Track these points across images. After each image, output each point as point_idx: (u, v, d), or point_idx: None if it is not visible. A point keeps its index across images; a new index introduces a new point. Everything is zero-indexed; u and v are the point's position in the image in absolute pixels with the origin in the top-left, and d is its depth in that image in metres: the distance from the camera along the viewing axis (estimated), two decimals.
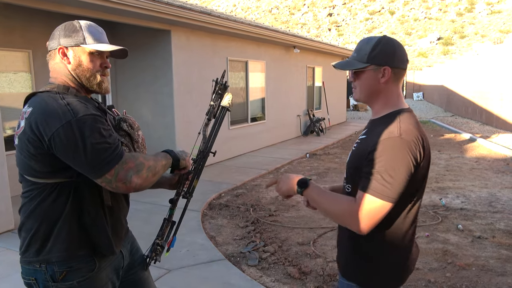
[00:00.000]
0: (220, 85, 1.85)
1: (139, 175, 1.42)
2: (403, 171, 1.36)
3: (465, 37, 46.94)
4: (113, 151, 1.38)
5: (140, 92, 7.63)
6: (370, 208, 1.37)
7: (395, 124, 1.43)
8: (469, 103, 17.16)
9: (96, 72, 1.56)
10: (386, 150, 1.37)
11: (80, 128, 1.35)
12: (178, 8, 6.44)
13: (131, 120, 1.68)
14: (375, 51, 1.48)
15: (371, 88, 1.53)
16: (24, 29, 6.11)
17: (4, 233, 4.48)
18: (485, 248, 4.13)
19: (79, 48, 1.53)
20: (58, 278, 1.45)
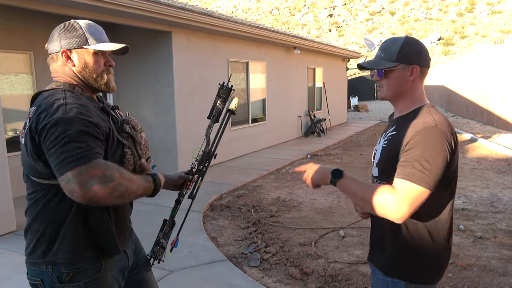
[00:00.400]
0: (226, 89, 1.85)
1: (102, 186, 1.29)
2: (441, 159, 1.40)
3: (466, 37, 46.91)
4: (84, 151, 1.31)
5: (141, 93, 7.63)
6: (409, 195, 1.37)
7: (427, 116, 1.49)
8: (470, 103, 17.14)
9: (102, 72, 1.58)
10: (423, 139, 1.41)
11: (65, 126, 1.33)
12: (178, 10, 6.46)
13: (134, 122, 1.67)
14: (404, 50, 1.54)
15: (400, 87, 1.58)
16: (25, 31, 6.12)
17: (6, 235, 4.49)
18: (487, 249, 4.13)
19: (82, 49, 1.53)
20: (65, 279, 1.46)
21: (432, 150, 1.40)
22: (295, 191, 6.44)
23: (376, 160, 1.62)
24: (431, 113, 1.50)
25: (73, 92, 1.50)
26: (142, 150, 1.65)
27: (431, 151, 1.39)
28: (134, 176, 1.45)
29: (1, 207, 4.47)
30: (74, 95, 1.48)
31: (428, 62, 1.58)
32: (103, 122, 1.47)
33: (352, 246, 4.24)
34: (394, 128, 1.59)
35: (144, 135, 1.70)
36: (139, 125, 1.70)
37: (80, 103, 1.44)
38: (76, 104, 1.41)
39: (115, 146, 1.52)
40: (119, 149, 1.55)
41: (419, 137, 1.42)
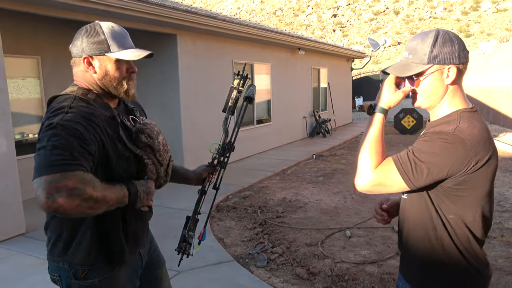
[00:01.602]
0: (243, 78, 1.86)
1: (68, 199, 1.22)
2: (440, 164, 1.24)
3: (471, 36, 46.67)
4: (66, 160, 1.26)
5: (147, 97, 7.68)
6: (386, 176, 1.29)
7: (454, 122, 1.30)
8: (475, 102, 17.07)
9: (123, 79, 1.54)
10: (433, 138, 1.28)
11: (56, 132, 1.31)
12: (183, 13, 6.50)
13: (149, 128, 1.60)
14: (436, 49, 1.31)
15: (436, 92, 1.36)
16: (32, 36, 6.19)
17: (16, 237, 4.54)
18: (494, 248, 4.12)
19: (104, 57, 1.49)
20: (80, 276, 1.51)
21: (434, 149, 1.26)
22: (301, 191, 6.46)
23: None
24: (461, 119, 1.30)
25: (85, 99, 1.47)
26: (161, 157, 1.62)
27: (432, 150, 1.26)
28: (108, 188, 1.37)
29: (11, 209, 4.53)
30: (83, 103, 1.45)
31: (466, 57, 1.34)
32: (102, 134, 1.42)
33: (358, 246, 4.25)
34: (423, 133, 1.41)
35: (161, 138, 1.65)
36: (155, 129, 1.64)
37: (84, 112, 1.40)
38: (78, 113, 1.38)
39: (121, 159, 1.48)
40: (133, 160, 1.52)
41: (430, 135, 1.29)
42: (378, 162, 1.32)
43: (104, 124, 1.45)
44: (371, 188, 1.32)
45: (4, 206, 4.46)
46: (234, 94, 1.87)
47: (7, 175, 4.47)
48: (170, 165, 1.71)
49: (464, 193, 1.31)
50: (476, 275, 1.38)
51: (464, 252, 1.35)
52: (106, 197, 1.34)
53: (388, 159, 1.32)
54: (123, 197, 1.43)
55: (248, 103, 1.89)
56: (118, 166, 1.48)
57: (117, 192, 1.41)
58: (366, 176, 1.31)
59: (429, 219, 1.38)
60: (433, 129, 1.34)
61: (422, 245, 1.41)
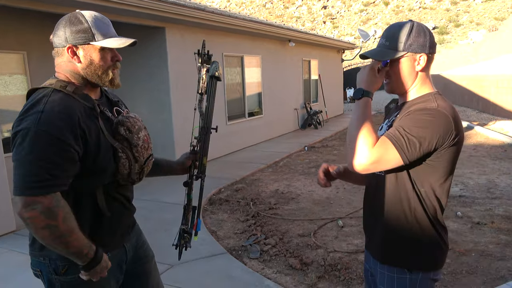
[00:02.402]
0: (203, 56, 1.79)
1: (41, 216, 1.30)
2: (429, 136, 1.34)
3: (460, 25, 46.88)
4: (43, 180, 1.30)
5: (136, 90, 7.62)
6: (383, 153, 1.35)
7: (431, 100, 1.43)
8: (465, 91, 17.19)
9: (108, 68, 1.51)
10: (419, 114, 1.37)
11: (32, 139, 1.31)
12: (171, 5, 6.43)
13: (130, 122, 1.57)
14: (411, 38, 1.44)
15: (408, 77, 1.49)
16: (18, 30, 6.09)
17: (6, 235, 4.50)
18: (484, 234, 4.17)
19: (89, 46, 1.46)
20: (61, 271, 1.49)
21: (422, 124, 1.35)
22: (293, 183, 6.47)
23: None
24: (437, 99, 1.45)
25: (64, 91, 1.44)
26: (139, 152, 1.57)
27: (422, 124, 1.35)
28: (78, 234, 1.38)
29: (0, 207, 4.47)
30: (62, 95, 1.42)
31: (434, 48, 1.50)
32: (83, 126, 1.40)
33: (350, 236, 4.27)
34: (397, 113, 1.53)
35: (142, 134, 1.61)
36: (137, 124, 1.60)
37: (62, 106, 1.38)
38: (55, 111, 1.36)
39: (104, 150, 1.47)
40: (109, 152, 1.49)
41: (415, 112, 1.39)
42: (374, 142, 1.37)
43: (83, 115, 1.43)
44: (369, 166, 1.36)
45: None
46: (204, 73, 1.81)
47: None
48: (147, 163, 1.65)
49: (440, 165, 1.43)
50: (443, 244, 1.52)
51: (434, 222, 1.49)
52: (72, 236, 1.36)
53: (382, 138, 1.38)
54: (85, 256, 1.41)
55: (217, 81, 1.82)
56: (100, 157, 1.46)
57: (82, 244, 1.40)
58: (365, 155, 1.35)
59: (405, 192, 1.47)
60: (414, 107, 1.44)
61: (397, 218, 1.49)
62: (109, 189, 1.54)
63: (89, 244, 1.43)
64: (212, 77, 1.79)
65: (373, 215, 1.61)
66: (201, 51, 1.80)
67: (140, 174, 1.62)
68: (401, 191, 1.48)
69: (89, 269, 1.44)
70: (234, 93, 9.36)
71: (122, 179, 1.55)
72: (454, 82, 18.96)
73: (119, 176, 1.53)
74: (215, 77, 1.80)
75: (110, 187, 1.54)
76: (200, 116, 1.79)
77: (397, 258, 1.51)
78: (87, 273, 1.45)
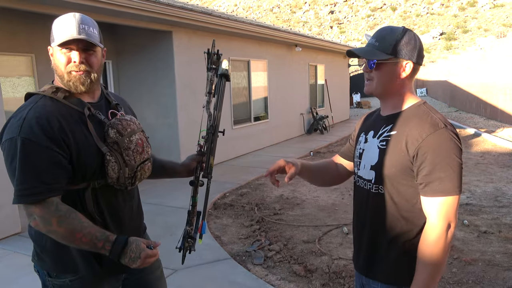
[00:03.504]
0: (213, 55, 1.76)
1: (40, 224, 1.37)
2: (459, 159, 1.36)
3: (468, 31, 46.69)
4: (31, 189, 1.34)
5: (143, 94, 7.65)
6: (451, 209, 1.35)
7: (430, 116, 1.40)
8: (473, 98, 17.07)
9: (65, 69, 1.46)
10: (440, 145, 1.34)
11: (16, 148, 1.34)
12: (178, 9, 6.46)
13: (122, 125, 1.54)
14: (401, 43, 1.42)
15: (390, 82, 1.46)
16: (26, 33, 6.14)
17: (11, 236, 4.51)
18: (491, 243, 4.11)
19: (52, 46, 1.48)
20: (53, 274, 1.54)
21: (451, 154, 1.34)
22: (298, 188, 6.44)
23: (371, 161, 1.49)
24: (432, 111, 1.42)
25: (54, 98, 1.46)
26: (129, 156, 1.52)
27: (451, 155, 1.34)
28: (82, 230, 1.38)
29: (6, 209, 4.49)
30: (47, 103, 1.43)
31: (422, 59, 1.47)
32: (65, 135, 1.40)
33: None
34: (390, 127, 1.46)
35: (136, 138, 1.57)
36: (130, 127, 1.57)
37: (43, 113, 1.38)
38: (35, 117, 1.37)
39: (90, 153, 1.46)
40: (96, 156, 1.47)
41: (434, 143, 1.34)
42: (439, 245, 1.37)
43: (69, 120, 1.44)
44: (450, 237, 1.37)
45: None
46: (213, 73, 1.77)
47: (2, 175, 4.42)
48: (141, 168, 1.60)
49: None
50: None
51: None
52: (75, 237, 1.38)
53: (438, 202, 1.36)
54: (102, 248, 1.40)
55: (226, 80, 1.77)
56: (86, 161, 1.45)
57: (94, 239, 1.39)
58: (450, 228, 1.37)
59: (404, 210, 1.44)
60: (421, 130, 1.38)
61: (403, 236, 1.44)
62: (101, 194, 1.52)
63: (103, 236, 1.41)
64: (221, 76, 1.75)
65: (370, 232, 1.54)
66: (211, 50, 1.76)
67: (132, 179, 1.57)
68: (400, 209, 1.44)
69: (118, 259, 1.42)
70: (240, 97, 9.37)
71: (113, 183, 1.52)
72: (462, 89, 18.85)
73: (109, 180, 1.50)
74: (224, 76, 1.76)
75: (102, 191, 1.52)
76: (208, 117, 1.75)
77: (397, 276, 1.47)
78: (123, 262, 1.44)
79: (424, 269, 1.36)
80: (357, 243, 1.62)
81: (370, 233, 1.52)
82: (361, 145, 1.59)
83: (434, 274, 1.36)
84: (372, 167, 1.48)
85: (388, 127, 1.47)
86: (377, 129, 1.52)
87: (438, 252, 1.34)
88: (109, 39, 7.47)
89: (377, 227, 1.49)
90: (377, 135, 1.50)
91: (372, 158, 1.48)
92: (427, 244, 1.36)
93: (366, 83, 1.51)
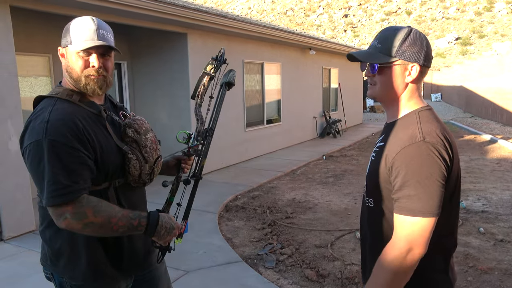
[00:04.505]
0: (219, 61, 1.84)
1: (73, 221, 1.37)
2: (437, 178, 1.21)
3: (484, 36, 46.08)
4: (61, 189, 1.34)
5: (156, 95, 7.69)
6: (418, 232, 1.21)
7: (415, 126, 1.28)
8: (489, 104, 16.82)
9: (82, 73, 1.48)
10: (412, 160, 1.22)
11: (43, 150, 1.34)
12: (194, 11, 6.49)
13: (137, 124, 1.60)
14: (405, 44, 1.31)
15: (394, 87, 1.35)
16: (44, 34, 6.23)
17: (25, 234, 4.57)
18: (508, 252, 4.03)
19: (67, 48, 1.50)
20: (68, 276, 1.56)
21: (426, 171, 1.20)
22: (310, 192, 6.41)
23: (367, 173, 1.44)
24: (421, 121, 1.29)
25: (70, 100, 1.47)
26: (147, 153, 1.59)
27: (425, 173, 1.20)
28: (117, 214, 1.42)
29: (21, 207, 4.55)
30: (65, 105, 1.45)
31: (430, 61, 1.35)
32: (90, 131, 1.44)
33: None
34: (382, 137, 1.39)
35: (150, 135, 1.64)
36: (144, 126, 1.63)
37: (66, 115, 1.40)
38: (60, 119, 1.38)
39: (113, 153, 1.50)
40: (118, 155, 1.52)
41: (406, 157, 1.23)
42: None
43: (89, 121, 1.47)
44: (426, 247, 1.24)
45: (15, 204, 4.49)
46: (206, 80, 1.82)
47: (18, 173, 4.50)
48: (157, 164, 1.66)
49: None
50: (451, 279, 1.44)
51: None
52: (112, 222, 1.40)
53: (404, 221, 1.23)
54: (138, 226, 1.46)
55: (227, 89, 1.82)
56: (109, 160, 1.49)
57: (129, 219, 1.44)
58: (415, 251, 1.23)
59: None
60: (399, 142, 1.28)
61: None
62: (122, 192, 1.57)
63: (136, 214, 1.47)
64: (226, 84, 1.81)
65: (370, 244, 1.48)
66: (218, 57, 1.83)
67: (151, 175, 1.65)
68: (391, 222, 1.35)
69: (152, 235, 1.49)
70: (253, 100, 9.36)
71: (133, 181, 1.58)
72: (477, 94, 18.59)
73: (130, 178, 1.56)
74: (229, 84, 1.80)
75: (122, 190, 1.57)
76: (200, 120, 1.78)
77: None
78: (156, 240, 1.53)
79: (375, 279, 1.28)
80: (363, 254, 1.57)
81: (371, 245, 1.46)
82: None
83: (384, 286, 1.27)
84: (366, 178, 1.44)
85: (381, 137, 1.41)
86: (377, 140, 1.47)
87: (390, 272, 1.23)
88: (124, 40, 7.54)
89: (374, 240, 1.43)
90: (375, 146, 1.45)
91: (367, 170, 1.44)
92: (384, 259, 1.26)
93: (369, 87, 1.42)
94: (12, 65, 4.45)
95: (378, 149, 1.37)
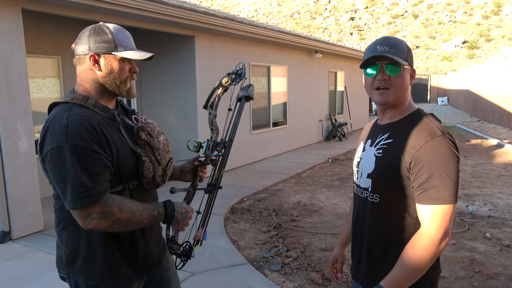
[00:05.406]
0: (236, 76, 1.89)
1: (101, 220, 1.41)
2: (456, 168, 1.35)
3: (492, 40, 45.82)
4: (86, 191, 1.37)
5: (164, 97, 7.75)
6: (446, 218, 1.33)
7: (427, 123, 1.40)
8: (496, 108, 16.72)
9: (126, 78, 1.57)
10: (437, 153, 1.34)
11: (66, 154, 1.37)
12: (201, 14, 6.53)
13: (150, 127, 1.64)
14: (409, 53, 1.45)
15: (405, 90, 1.47)
16: (53, 35, 6.30)
17: (34, 234, 4.62)
18: None
19: (110, 55, 1.52)
20: (85, 277, 1.59)
21: (448, 163, 1.33)
22: (316, 195, 6.41)
23: (367, 170, 1.49)
24: (430, 119, 1.43)
25: (84, 105, 1.49)
26: (160, 155, 1.63)
27: (448, 164, 1.33)
28: (139, 208, 1.50)
29: (30, 207, 4.60)
30: (82, 110, 1.47)
31: None
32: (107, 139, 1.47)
33: None
34: (388, 135, 1.47)
35: (162, 138, 1.68)
36: (156, 129, 1.67)
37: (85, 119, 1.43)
38: (79, 123, 1.41)
39: (128, 156, 1.54)
40: (132, 158, 1.55)
41: (430, 151, 1.34)
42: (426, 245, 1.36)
43: (105, 125, 1.50)
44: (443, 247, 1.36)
45: (23, 204, 4.54)
46: (221, 92, 1.88)
47: (27, 173, 4.55)
48: (169, 166, 1.71)
49: None
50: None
51: None
52: (136, 216, 1.48)
53: (434, 209, 1.34)
54: (158, 215, 1.57)
55: (245, 102, 1.89)
56: (124, 163, 1.53)
57: (150, 210, 1.54)
58: (444, 238, 1.35)
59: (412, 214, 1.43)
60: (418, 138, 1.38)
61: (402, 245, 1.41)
62: (135, 194, 1.60)
63: (154, 205, 1.57)
64: (246, 97, 1.89)
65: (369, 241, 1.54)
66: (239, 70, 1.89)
67: (164, 177, 1.68)
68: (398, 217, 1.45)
69: (170, 223, 1.62)
70: (259, 103, 9.39)
71: (147, 183, 1.62)
72: (484, 98, 18.49)
73: (144, 180, 1.60)
74: (248, 98, 1.88)
75: (136, 192, 1.60)
76: (215, 131, 1.86)
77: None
78: (174, 227, 1.67)
79: (403, 270, 1.35)
80: (356, 252, 1.61)
81: (370, 242, 1.51)
82: (359, 154, 1.60)
83: (410, 279, 1.35)
84: (369, 175, 1.49)
85: (385, 135, 1.48)
86: (374, 138, 1.53)
87: (426, 259, 1.33)
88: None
89: (376, 235, 1.49)
90: (374, 143, 1.51)
91: (369, 166, 1.49)
92: (416, 249, 1.34)
93: (381, 91, 1.45)
94: (23, 67, 4.51)
95: (387, 146, 1.44)
